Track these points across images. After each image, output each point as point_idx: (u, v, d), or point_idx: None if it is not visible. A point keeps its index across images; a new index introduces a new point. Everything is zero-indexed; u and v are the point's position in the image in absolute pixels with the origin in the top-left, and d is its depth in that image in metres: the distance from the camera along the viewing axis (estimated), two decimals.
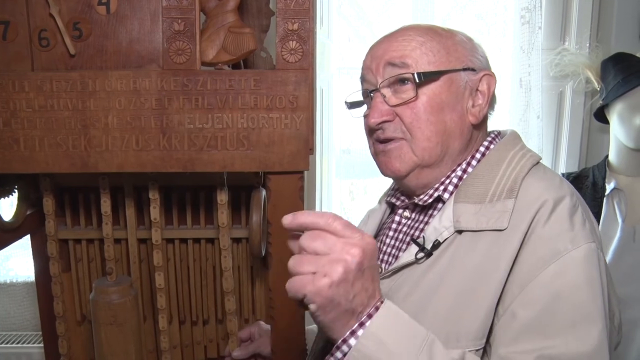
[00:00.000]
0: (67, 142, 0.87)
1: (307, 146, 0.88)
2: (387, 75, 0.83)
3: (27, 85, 0.86)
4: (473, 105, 0.84)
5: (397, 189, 0.94)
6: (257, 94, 0.87)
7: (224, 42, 0.89)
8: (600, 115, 1.64)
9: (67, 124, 0.87)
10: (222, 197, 1.03)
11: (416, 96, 0.81)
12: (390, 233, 0.90)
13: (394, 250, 0.88)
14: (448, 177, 0.84)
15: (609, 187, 1.55)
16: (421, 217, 0.88)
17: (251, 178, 1.11)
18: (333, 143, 1.92)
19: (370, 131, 0.87)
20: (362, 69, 0.89)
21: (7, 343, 1.90)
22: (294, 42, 0.87)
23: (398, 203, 0.91)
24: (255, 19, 1.04)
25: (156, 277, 1.10)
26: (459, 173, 0.84)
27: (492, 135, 0.88)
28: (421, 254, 0.79)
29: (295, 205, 0.91)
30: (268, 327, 1.15)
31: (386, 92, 0.83)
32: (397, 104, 0.82)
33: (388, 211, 0.98)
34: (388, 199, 0.95)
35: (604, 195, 1.55)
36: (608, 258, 1.50)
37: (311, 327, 1.09)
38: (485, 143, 0.86)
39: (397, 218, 0.91)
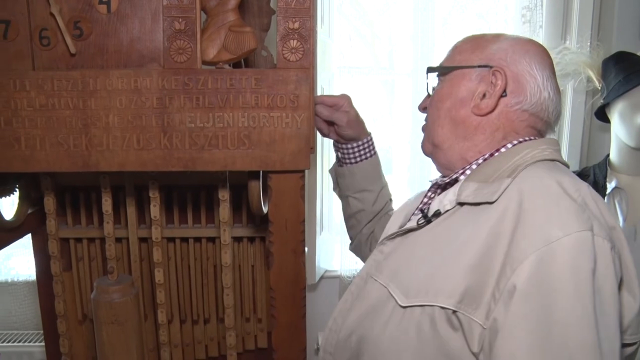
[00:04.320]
0: (68, 141, 0.88)
1: (308, 145, 0.88)
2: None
3: (28, 84, 0.86)
4: (482, 99, 0.87)
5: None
6: (258, 92, 0.87)
7: (225, 41, 0.89)
8: (601, 114, 1.63)
9: (68, 123, 0.87)
10: (224, 194, 1.03)
11: (434, 89, 0.93)
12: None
13: None
14: (470, 163, 0.89)
15: (610, 186, 1.55)
16: None
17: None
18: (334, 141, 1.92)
19: None
20: None
21: (8, 342, 1.90)
22: (295, 41, 0.87)
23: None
24: (256, 17, 1.05)
25: (155, 273, 1.10)
26: (480, 161, 0.88)
27: (531, 138, 0.88)
28: (422, 220, 0.86)
29: (296, 204, 0.91)
30: (353, 106, 1.11)
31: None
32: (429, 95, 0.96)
33: None
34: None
35: (605, 195, 1.55)
36: None
37: None
38: (515, 142, 0.86)
39: (429, 194, 0.98)
